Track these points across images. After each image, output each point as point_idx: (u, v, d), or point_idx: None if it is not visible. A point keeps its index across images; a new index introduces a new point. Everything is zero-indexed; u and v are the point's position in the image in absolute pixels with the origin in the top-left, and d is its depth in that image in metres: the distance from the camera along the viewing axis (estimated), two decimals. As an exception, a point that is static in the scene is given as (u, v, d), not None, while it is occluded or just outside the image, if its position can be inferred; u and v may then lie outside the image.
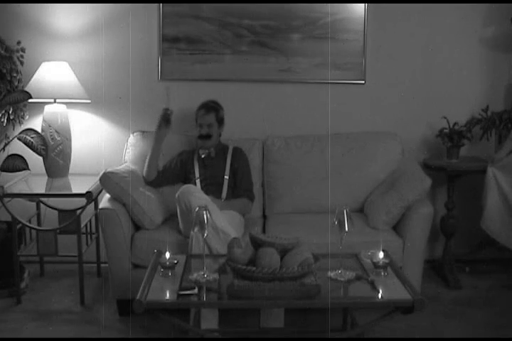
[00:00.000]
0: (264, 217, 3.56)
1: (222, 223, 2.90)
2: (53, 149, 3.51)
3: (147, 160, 3.35)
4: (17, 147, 3.40)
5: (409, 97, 3.85)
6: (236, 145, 3.50)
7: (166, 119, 3.30)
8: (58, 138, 3.51)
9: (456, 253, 3.74)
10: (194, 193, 3.00)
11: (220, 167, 3.40)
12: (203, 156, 3.42)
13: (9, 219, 3.26)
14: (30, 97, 3.33)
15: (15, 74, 3.50)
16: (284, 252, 2.35)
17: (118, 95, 3.76)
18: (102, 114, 3.80)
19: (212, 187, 3.34)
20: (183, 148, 3.54)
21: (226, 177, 3.38)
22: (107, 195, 3.20)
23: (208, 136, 3.39)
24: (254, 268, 2.26)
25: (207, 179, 3.38)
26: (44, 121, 3.53)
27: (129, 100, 3.77)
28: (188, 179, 3.38)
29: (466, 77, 3.84)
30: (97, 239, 3.67)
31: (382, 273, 2.49)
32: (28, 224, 3.34)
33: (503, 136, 3.61)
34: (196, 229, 2.39)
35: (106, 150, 3.79)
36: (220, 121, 3.44)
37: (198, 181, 3.37)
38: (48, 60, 3.58)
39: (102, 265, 3.64)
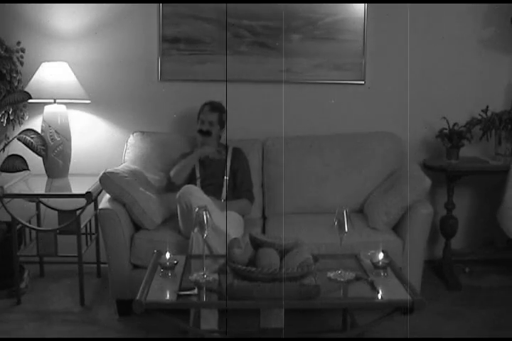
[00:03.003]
0: (264, 217, 3.56)
1: (222, 223, 2.90)
2: (53, 149, 3.51)
3: (181, 166, 3.35)
4: (17, 147, 3.40)
5: (409, 97, 3.85)
6: (235, 146, 3.51)
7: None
8: (58, 139, 3.51)
9: (456, 254, 3.74)
10: (194, 193, 3.01)
11: (220, 167, 3.40)
12: (202, 158, 3.42)
13: (9, 219, 3.25)
14: (30, 98, 3.33)
15: (15, 75, 3.50)
16: (283, 253, 2.35)
17: (118, 95, 3.77)
18: (102, 114, 3.79)
19: (212, 188, 3.34)
20: (183, 149, 3.54)
21: (226, 177, 3.38)
22: (107, 195, 3.19)
23: (208, 133, 3.40)
24: (253, 269, 2.26)
25: (206, 179, 3.38)
26: (44, 121, 3.53)
27: (129, 100, 3.78)
28: (189, 180, 3.38)
29: (466, 77, 3.84)
30: (97, 239, 3.67)
31: (382, 274, 2.49)
32: (27, 224, 3.34)
33: (502, 137, 3.61)
34: (196, 230, 2.40)
35: (106, 150, 3.79)
36: (222, 123, 3.45)
37: (198, 182, 3.37)
38: (48, 60, 3.58)
39: (102, 265, 3.64)
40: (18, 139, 3.34)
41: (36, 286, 3.52)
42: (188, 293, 2.31)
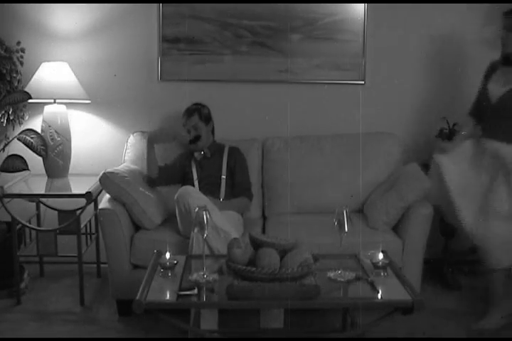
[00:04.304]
0: (264, 217, 3.56)
1: (222, 223, 2.90)
2: (53, 149, 3.51)
3: (147, 160, 3.36)
4: (17, 147, 3.40)
5: (409, 97, 3.85)
6: (232, 145, 3.50)
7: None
8: (58, 139, 3.52)
9: (456, 254, 3.74)
10: (192, 194, 3.01)
11: (217, 167, 3.40)
12: (198, 159, 3.42)
13: (9, 219, 3.25)
14: (30, 98, 3.33)
15: (15, 75, 3.50)
16: (283, 252, 2.35)
17: (118, 95, 3.77)
18: (102, 114, 3.80)
19: (210, 188, 3.33)
20: (180, 150, 3.54)
21: (223, 176, 3.38)
22: (107, 195, 3.20)
23: (197, 138, 3.39)
24: (254, 269, 2.26)
25: (204, 180, 3.38)
26: (44, 121, 3.53)
27: (129, 100, 3.78)
28: (186, 181, 3.38)
29: (466, 77, 3.84)
30: (97, 239, 3.67)
31: (382, 274, 2.49)
32: (27, 224, 3.34)
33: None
34: (196, 230, 2.40)
35: (106, 150, 3.80)
36: (206, 119, 3.43)
37: (196, 182, 3.37)
38: (48, 61, 3.58)
39: (102, 265, 3.64)
40: (18, 139, 3.34)
41: (36, 286, 3.52)
42: (188, 293, 2.31)
